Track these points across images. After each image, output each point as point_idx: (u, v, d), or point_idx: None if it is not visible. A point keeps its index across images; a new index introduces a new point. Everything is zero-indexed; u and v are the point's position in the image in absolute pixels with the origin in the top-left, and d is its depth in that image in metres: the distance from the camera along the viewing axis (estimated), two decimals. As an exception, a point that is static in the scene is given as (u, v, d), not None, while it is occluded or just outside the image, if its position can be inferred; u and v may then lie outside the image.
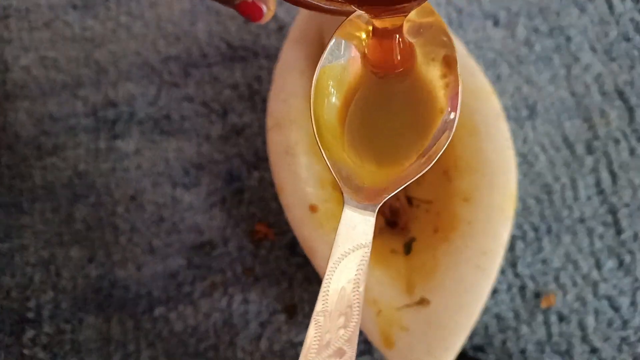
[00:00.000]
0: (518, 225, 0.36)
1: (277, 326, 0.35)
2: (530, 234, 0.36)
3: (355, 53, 0.19)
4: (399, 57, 0.19)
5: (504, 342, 0.34)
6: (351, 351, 0.15)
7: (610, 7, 0.42)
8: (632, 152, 0.38)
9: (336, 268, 0.16)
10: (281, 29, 0.43)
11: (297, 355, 0.34)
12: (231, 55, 0.41)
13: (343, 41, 0.19)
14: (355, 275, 0.16)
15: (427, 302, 0.29)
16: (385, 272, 0.31)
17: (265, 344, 0.34)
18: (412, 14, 0.18)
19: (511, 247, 0.36)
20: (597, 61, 0.41)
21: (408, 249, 0.32)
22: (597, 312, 0.34)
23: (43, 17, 0.42)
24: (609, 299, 0.35)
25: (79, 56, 0.41)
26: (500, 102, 0.33)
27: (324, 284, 0.16)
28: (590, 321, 0.34)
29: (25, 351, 0.35)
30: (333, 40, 0.19)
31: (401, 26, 0.18)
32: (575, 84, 0.40)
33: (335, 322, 0.16)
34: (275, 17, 0.43)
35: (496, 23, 0.42)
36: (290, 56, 0.35)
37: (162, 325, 0.35)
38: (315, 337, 0.15)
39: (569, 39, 0.41)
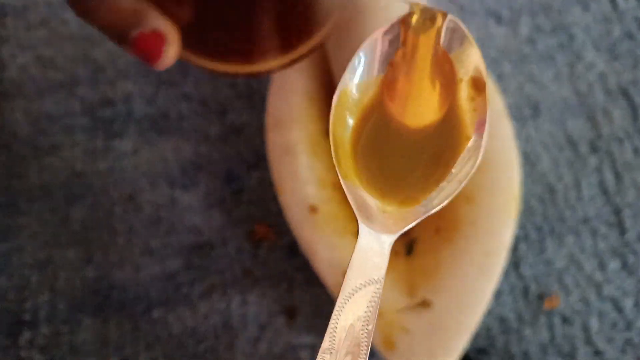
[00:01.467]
0: (521, 226, 0.36)
1: (277, 328, 0.35)
2: (533, 235, 0.36)
3: (377, 72, 0.18)
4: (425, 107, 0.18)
5: (506, 345, 0.34)
6: None
7: (614, 5, 0.42)
8: (635, 151, 0.38)
9: (346, 304, 0.16)
10: (281, 27, 0.42)
11: (297, 357, 0.34)
12: (230, 54, 0.40)
13: (365, 58, 0.18)
14: (365, 312, 0.16)
15: (428, 304, 0.29)
16: (387, 273, 0.30)
17: (265, 346, 0.34)
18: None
19: (514, 248, 0.36)
20: (600, 60, 0.40)
21: (409, 249, 0.32)
22: (600, 314, 0.34)
23: (40, 15, 0.41)
24: (613, 300, 0.35)
25: (76, 54, 0.40)
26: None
27: (332, 320, 0.15)
28: (593, 323, 0.34)
29: (22, 353, 0.34)
30: (356, 57, 0.18)
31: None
32: (579, 82, 0.40)
33: None
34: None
35: (498, 21, 0.42)
36: (290, 54, 0.35)
37: (161, 327, 0.35)
38: None
39: (572, 37, 0.41)
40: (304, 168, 0.32)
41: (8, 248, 0.37)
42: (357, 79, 0.18)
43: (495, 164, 0.31)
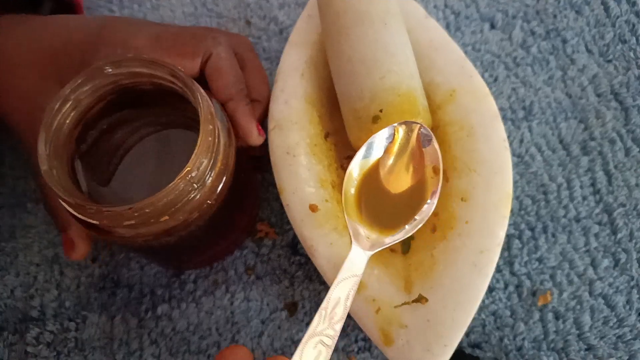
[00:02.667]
0: (515, 225, 0.37)
1: (278, 323, 0.35)
2: (527, 233, 0.37)
3: (378, 154, 0.30)
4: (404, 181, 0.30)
5: (501, 340, 0.34)
6: (333, 338, 0.24)
7: (607, 9, 0.43)
8: (627, 152, 0.38)
9: (337, 286, 0.25)
10: (282, 32, 0.43)
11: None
12: (232, 58, 0.41)
13: (370, 145, 0.30)
14: (348, 292, 0.25)
15: (425, 300, 0.30)
16: (384, 271, 0.31)
17: (267, 341, 0.35)
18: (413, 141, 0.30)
19: (508, 246, 0.36)
20: (593, 63, 0.41)
21: (407, 247, 0.32)
22: (592, 311, 0.35)
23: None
24: (605, 297, 0.35)
25: (82, 58, 0.41)
26: (497, 104, 0.33)
27: (328, 293, 0.25)
28: (586, 319, 0.35)
29: (30, 349, 0.35)
30: (364, 146, 0.30)
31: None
32: (572, 85, 0.40)
33: (330, 317, 0.24)
34: (276, 20, 0.43)
35: (493, 26, 0.42)
36: (291, 58, 0.35)
37: (165, 323, 0.35)
38: (316, 323, 0.24)
39: (565, 41, 0.42)
40: (304, 168, 0.32)
41: (15, 246, 0.37)
42: (361, 159, 0.30)
43: (489, 164, 0.31)
